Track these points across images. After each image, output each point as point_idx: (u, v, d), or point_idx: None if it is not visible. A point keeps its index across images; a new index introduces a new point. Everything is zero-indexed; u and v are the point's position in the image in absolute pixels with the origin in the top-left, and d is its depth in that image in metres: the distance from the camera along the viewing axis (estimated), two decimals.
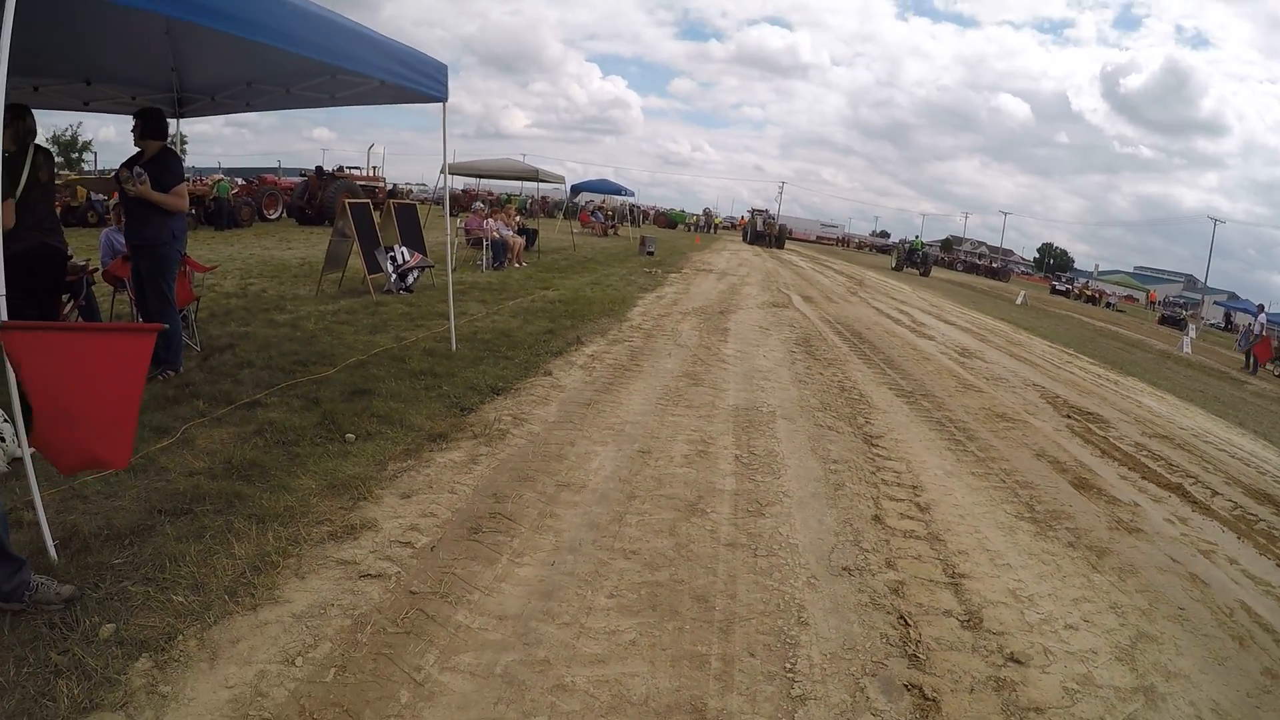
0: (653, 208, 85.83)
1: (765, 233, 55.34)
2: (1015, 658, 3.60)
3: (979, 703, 3.23)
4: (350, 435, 5.44)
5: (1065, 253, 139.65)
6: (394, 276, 12.90)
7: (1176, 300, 69.33)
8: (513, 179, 25.83)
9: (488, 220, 19.01)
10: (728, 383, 8.47)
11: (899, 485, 5.84)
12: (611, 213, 49.73)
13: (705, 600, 3.78)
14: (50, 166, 5.66)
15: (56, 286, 6.21)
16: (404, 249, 13.40)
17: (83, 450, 3.45)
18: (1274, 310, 48.92)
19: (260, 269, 15.03)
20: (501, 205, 24.74)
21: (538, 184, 26.39)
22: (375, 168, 40.60)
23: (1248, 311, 36.43)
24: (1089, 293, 64.39)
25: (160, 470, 4.60)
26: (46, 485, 4.10)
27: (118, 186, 6.75)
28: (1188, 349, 25.96)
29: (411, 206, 15.69)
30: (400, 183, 59.03)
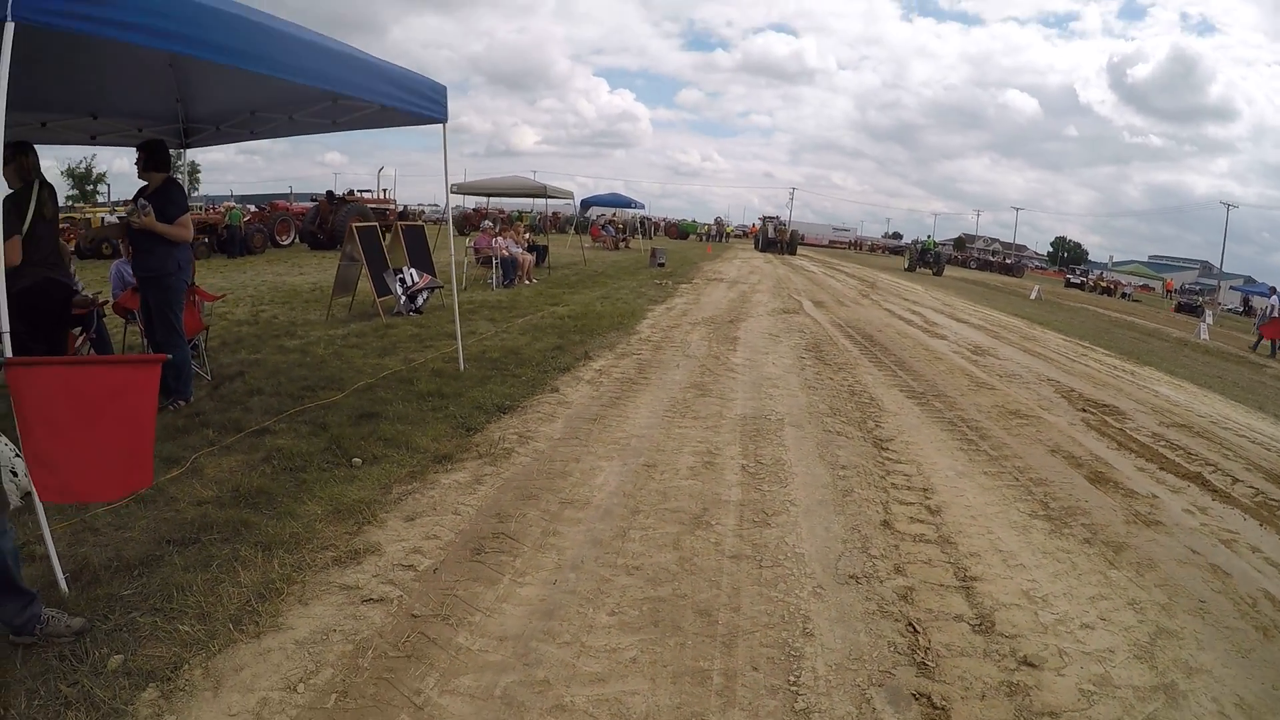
0: (664, 219, 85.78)
1: (777, 239, 55.13)
2: (1029, 661, 3.53)
3: (991, 709, 3.17)
4: (357, 459, 5.47)
5: (1079, 245, 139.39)
6: (403, 298, 12.97)
7: (1192, 287, 68.93)
8: (522, 196, 25.96)
9: (497, 238, 19.09)
10: (736, 392, 8.45)
11: (909, 489, 5.78)
12: (622, 226, 49.81)
13: (708, 614, 3.75)
14: (55, 202, 5.74)
15: (63, 321, 6.30)
16: (412, 270, 13.47)
17: (98, 477, 3.54)
18: None
19: (272, 295, 15.15)
20: (510, 223, 24.84)
21: (546, 200, 26.50)
22: (385, 190, 40.96)
23: (1264, 295, 36.20)
24: (1104, 284, 64.06)
25: (170, 500, 4.65)
26: (58, 519, 4.19)
27: (124, 221, 6.83)
28: (1205, 335, 25.77)
29: (419, 228, 15.76)
30: (411, 204, 59.43)
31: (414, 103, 7.18)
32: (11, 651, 3.08)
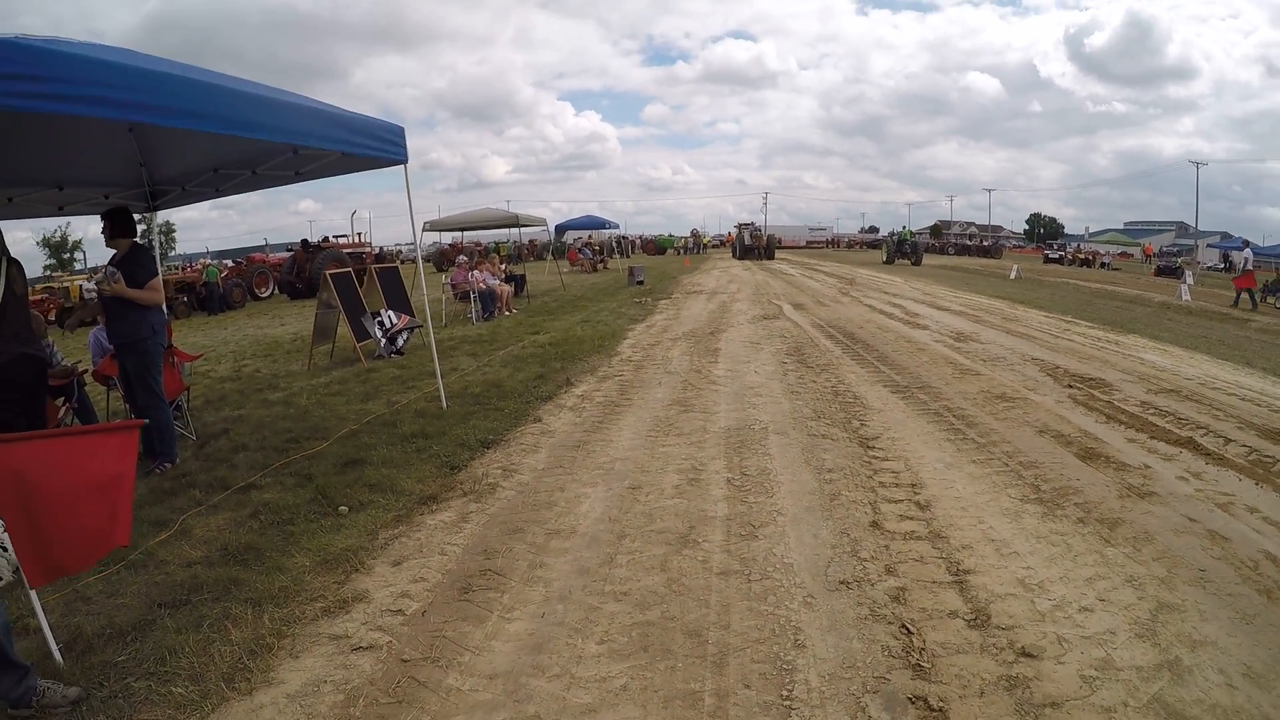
0: (640, 236, 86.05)
1: (754, 246, 55.09)
2: (1027, 652, 3.50)
3: (990, 706, 3.12)
4: (343, 507, 5.49)
5: (1054, 220, 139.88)
6: (383, 341, 12.98)
7: (1170, 250, 69.29)
8: (494, 227, 26.01)
9: (473, 272, 19.10)
10: (718, 404, 8.45)
11: (897, 486, 5.76)
12: (599, 247, 49.85)
13: (698, 634, 3.72)
14: (24, 279, 5.76)
15: (40, 394, 6.31)
16: (390, 313, 13.48)
17: (82, 546, 3.60)
18: (1272, 242, 49.06)
19: (253, 349, 15.19)
20: (485, 256, 24.89)
21: (519, 229, 26.56)
22: (360, 233, 41.07)
23: (1239, 249, 36.50)
24: (1082, 256, 64.06)
25: (159, 564, 4.69)
26: (50, 591, 4.21)
27: (95, 291, 6.85)
28: (1186, 297, 25.91)
29: (394, 269, 15.80)
30: (388, 244, 59.48)
31: (373, 146, 7.24)
32: None
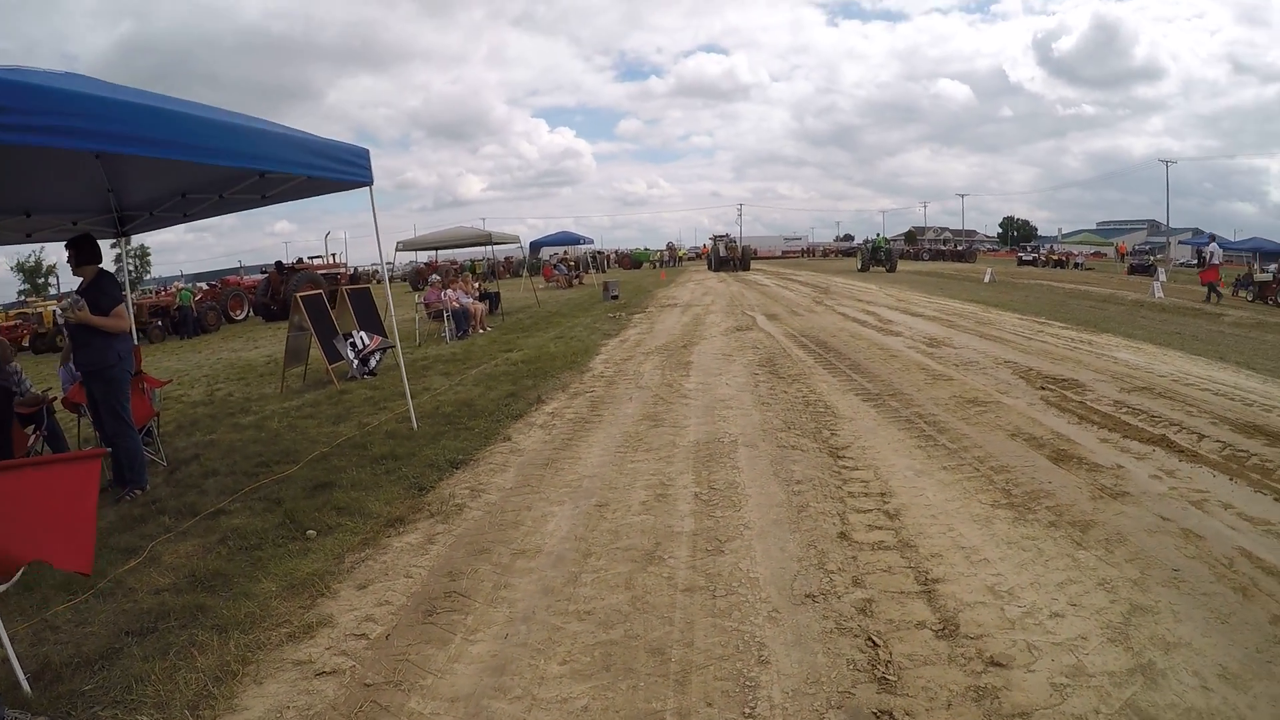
0: (615, 250, 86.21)
1: (729, 257, 55.09)
2: (996, 661, 3.47)
3: (958, 717, 3.10)
4: (311, 531, 5.51)
5: (1027, 222, 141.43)
6: (355, 362, 12.97)
7: (1143, 248, 70.01)
8: (468, 245, 26.00)
9: (446, 291, 19.09)
10: (689, 418, 8.46)
11: (866, 495, 5.73)
12: (574, 263, 49.89)
13: (661, 653, 3.69)
14: None
15: (6, 420, 6.34)
16: (363, 334, 13.48)
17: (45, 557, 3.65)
18: (1242, 237, 49.62)
19: (227, 373, 15.14)
20: (458, 274, 24.90)
21: (491, 247, 26.55)
22: (335, 254, 41.00)
23: (1216, 245, 36.94)
24: (1056, 257, 64.51)
25: (128, 591, 4.70)
26: (19, 620, 4.27)
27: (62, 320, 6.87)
28: (1159, 294, 26.07)
29: (365, 290, 15.79)
30: (364, 265, 59.36)
31: (338, 169, 7.29)
32: None
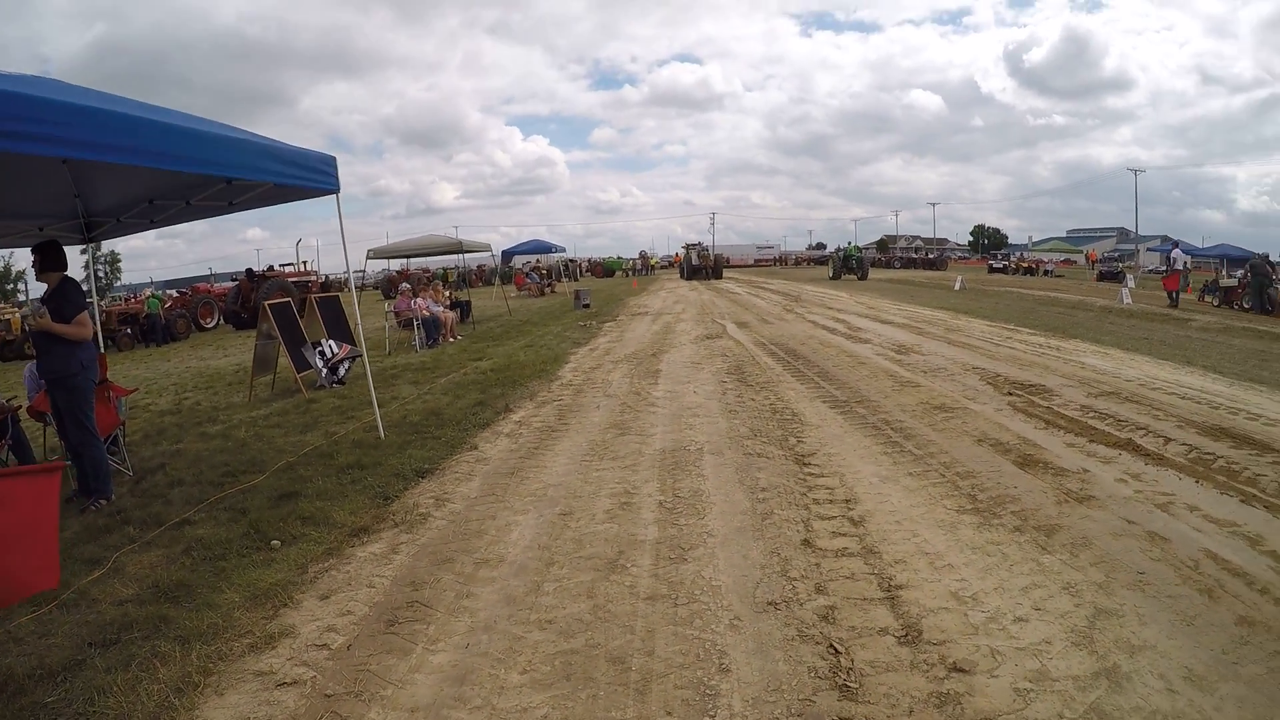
0: (588, 259, 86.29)
1: (702, 266, 55.31)
2: (959, 667, 3.47)
3: None
4: (276, 541, 5.51)
5: (998, 231, 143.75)
6: (324, 371, 12.92)
7: (1112, 255, 70.93)
8: (439, 254, 25.96)
9: (415, 300, 19.06)
10: (655, 426, 8.50)
11: (831, 502, 5.76)
12: (547, 271, 49.86)
13: (621, 661, 3.70)
14: None
15: None
16: (331, 342, 13.43)
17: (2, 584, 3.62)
18: (1210, 244, 50.46)
19: (195, 381, 15.04)
20: (428, 283, 24.84)
21: (462, 255, 26.52)
22: (306, 262, 40.82)
23: (1165, 251, 37.43)
24: (1026, 265, 65.13)
25: (91, 602, 4.67)
26: None
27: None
28: (1128, 300, 26.37)
29: (334, 298, 15.74)
30: (335, 273, 59.03)
31: (305, 177, 7.32)
32: None
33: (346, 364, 13.40)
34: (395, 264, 49.54)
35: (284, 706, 3.50)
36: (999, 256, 78.50)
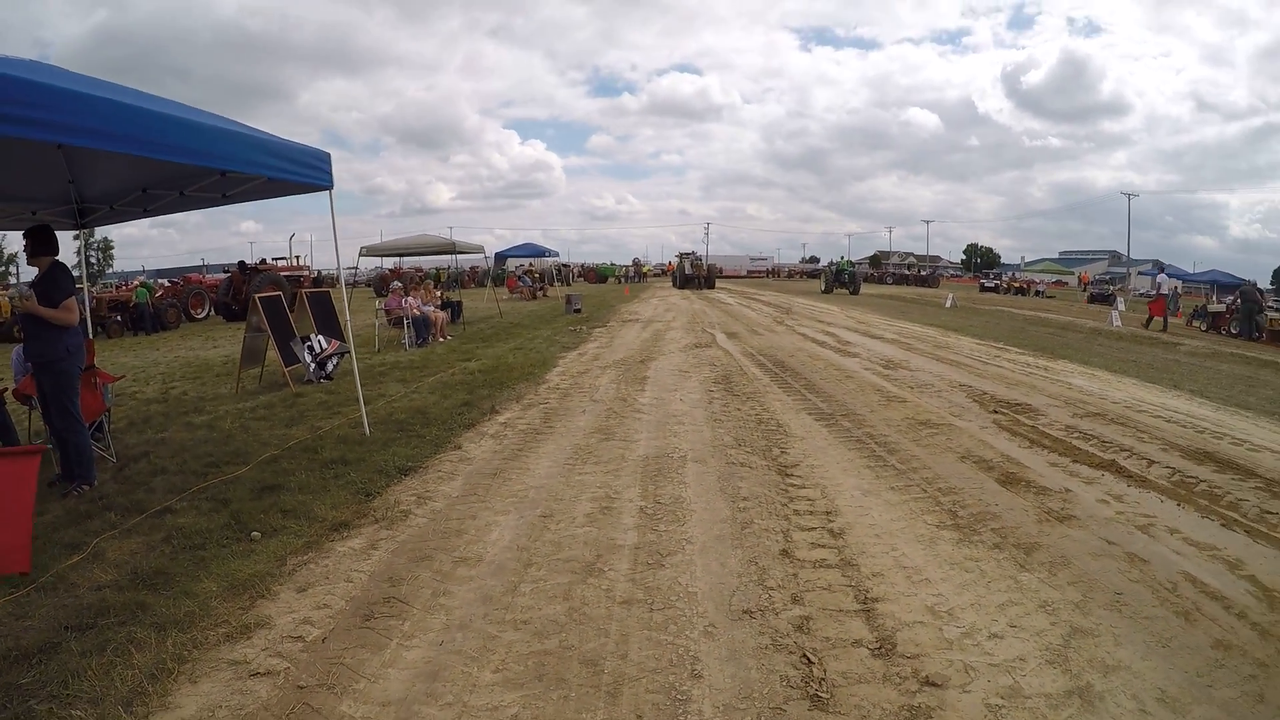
0: (581, 264, 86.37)
1: (694, 275, 55.24)
2: (932, 681, 3.48)
3: None
4: (256, 533, 5.52)
5: (991, 250, 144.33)
6: (312, 366, 12.91)
7: (1103, 277, 71.37)
8: (432, 254, 25.97)
9: (406, 299, 19.06)
10: (640, 433, 8.51)
11: (812, 514, 5.78)
12: (539, 275, 49.86)
13: (594, 664, 3.72)
14: None
15: None
16: (320, 337, 13.43)
17: None
18: (1202, 269, 50.87)
19: (183, 371, 14.97)
20: (419, 282, 24.84)
21: (455, 256, 26.53)
22: (299, 256, 40.71)
23: (1169, 275, 37.60)
24: (1017, 284, 65.41)
25: (70, 587, 4.68)
26: None
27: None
28: (1117, 323, 26.62)
29: (325, 293, 15.70)
30: (327, 268, 58.99)
31: (299, 172, 7.34)
32: None
33: (335, 360, 13.39)
34: (388, 262, 49.57)
35: (256, 696, 3.51)
36: (991, 275, 78.75)
